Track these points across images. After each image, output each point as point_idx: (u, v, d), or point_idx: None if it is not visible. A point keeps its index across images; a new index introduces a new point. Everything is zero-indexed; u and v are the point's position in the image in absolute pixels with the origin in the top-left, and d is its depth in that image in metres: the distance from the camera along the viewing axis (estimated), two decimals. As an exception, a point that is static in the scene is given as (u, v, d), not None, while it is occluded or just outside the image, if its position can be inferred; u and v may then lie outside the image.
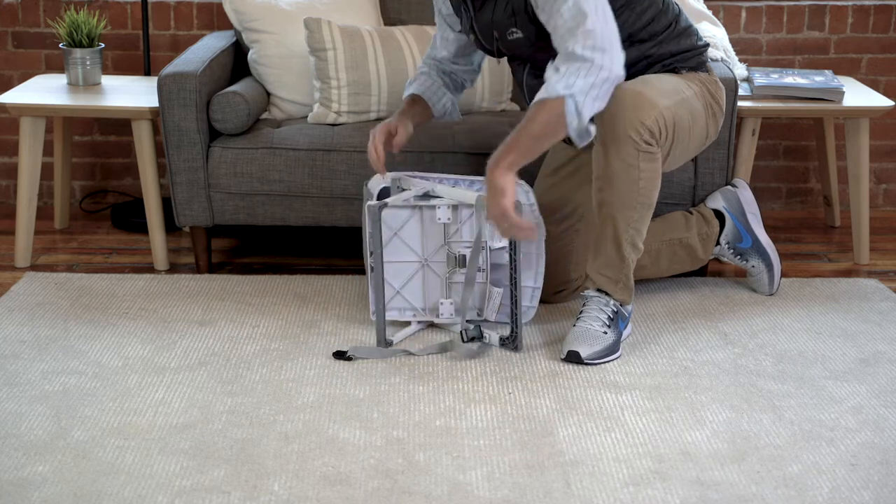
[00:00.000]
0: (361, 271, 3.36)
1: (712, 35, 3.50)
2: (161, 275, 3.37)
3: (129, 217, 3.83)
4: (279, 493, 2.20)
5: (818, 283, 3.34)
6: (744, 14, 3.98)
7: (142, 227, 3.74)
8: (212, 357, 2.80)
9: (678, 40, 2.88)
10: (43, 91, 3.57)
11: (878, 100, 3.52)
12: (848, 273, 3.50)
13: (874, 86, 4.03)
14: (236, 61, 3.60)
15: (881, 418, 2.53)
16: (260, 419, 2.49)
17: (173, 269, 3.47)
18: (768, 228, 3.35)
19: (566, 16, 2.61)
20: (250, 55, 3.54)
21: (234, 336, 2.92)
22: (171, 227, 3.63)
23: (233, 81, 3.51)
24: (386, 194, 2.96)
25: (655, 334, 2.96)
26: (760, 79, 3.54)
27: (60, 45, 3.66)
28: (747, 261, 3.22)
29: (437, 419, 2.50)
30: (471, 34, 2.94)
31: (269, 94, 3.53)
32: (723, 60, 3.42)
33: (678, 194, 3.28)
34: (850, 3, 3.99)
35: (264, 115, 3.51)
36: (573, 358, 2.76)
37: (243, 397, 2.59)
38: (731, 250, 3.21)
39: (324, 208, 3.32)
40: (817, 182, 4.12)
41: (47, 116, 3.53)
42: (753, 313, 3.11)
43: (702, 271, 3.36)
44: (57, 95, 3.52)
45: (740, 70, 3.59)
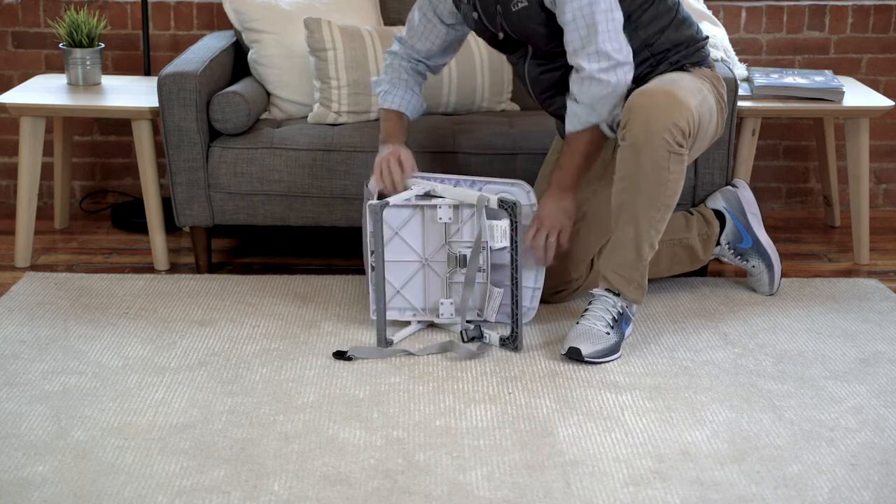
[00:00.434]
0: (361, 271, 3.36)
1: (712, 35, 3.50)
2: (161, 275, 3.37)
3: (129, 217, 3.83)
4: (279, 493, 2.20)
5: (818, 283, 3.34)
6: (744, 14, 3.98)
7: (142, 227, 3.73)
8: (212, 357, 2.80)
9: (678, 29, 2.89)
10: (43, 91, 3.57)
11: (878, 100, 3.52)
12: (848, 273, 3.50)
13: (874, 86, 4.03)
14: (236, 61, 3.60)
15: (881, 418, 2.53)
16: (260, 419, 2.49)
17: (173, 269, 3.47)
18: (768, 228, 3.35)
19: (580, 24, 2.73)
20: (250, 55, 3.55)
21: (234, 336, 2.92)
22: (171, 227, 3.63)
23: (233, 81, 3.51)
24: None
25: (655, 334, 2.96)
26: (760, 79, 3.54)
27: (60, 45, 3.67)
28: (747, 261, 3.22)
29: (437, 419, 2.50)
30: (473, 13, 2.91)
31: (269, 94, 3.53)
32: (723, 60, 3.42)
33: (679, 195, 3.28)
34: (850, 3, 3.99)
35: (264, 115, 3.51)
36: (574, 354, 2.76)
37: (243, 397, 2.59)
38: (732, 250, 3.21)
39: (324, 208, 3.32)
40: (817, 182, 4.12)
41: (47, 116, 3.53)
42: (753, 313, 3.11)
43: (702, 271, 3.36)
44: (57, 95, 3.52)
45: (740, 70, 3.59)
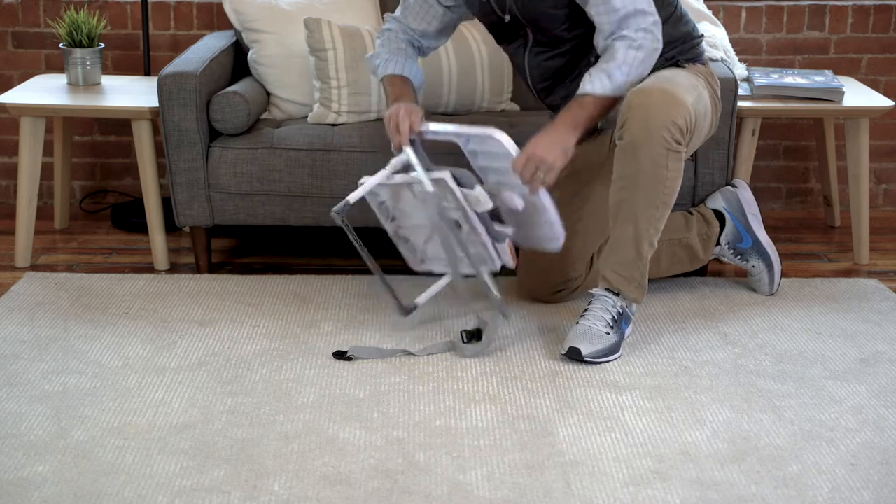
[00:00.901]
0: (361, 271, 3.36)
1: (712, 35, 3.50)
2: (161, 275, 3.37)
3: (129, 217, 3.83)
4: (279, 493, 2.20)
5: (818, 283, 3.34)
6: (744, 14, 3.98)
7: (142, 227, 3.73)
8: (212, 357, 2.80)
9: (675, 25, 2.90)
10: (43, 91, 3.57)
11: (878, 100, 3.52)
12: (848, 273, 3.50)
13: (874, 86, 4.03)
14: (236, 61, 3.60)
15: (881, 418, 2.53)
16: (260, 419, 2.49)
17: (173, 269, 3.47)
18: (768, 228, 3.35)
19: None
20: (250, 55, 3.55)
21: (234, 336, 2.92)
22: (171, 227, 3.63)
23: (233, 81, 3.51)
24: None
25: (655, 334, 2.96)
26: (760, 79, 3.54)
27: (60, 45, 3.67)
28: (747, 261, 3.22)
29: (437, 419, 2.50)
30: None
31: (269, 94, 3.53)
32: (723, 60, 3.42)
33: (678, 194, 3.27)
34: (850, 3, 3.99)
35: (264, 115, 3.51)
36: (574, 354, 2.76)
37: (243, 397, 2.59)
38: (732, 250, 3.21)
39: (324, 208, 3.31)
40: (817, 182, 4.13)
41: (47, 116, 3.53)
42: (753, 313, 3.11)
43: (702, 271, 3.36)
44: (57, 95, 3.52)
45: (740, 70, 3.59)
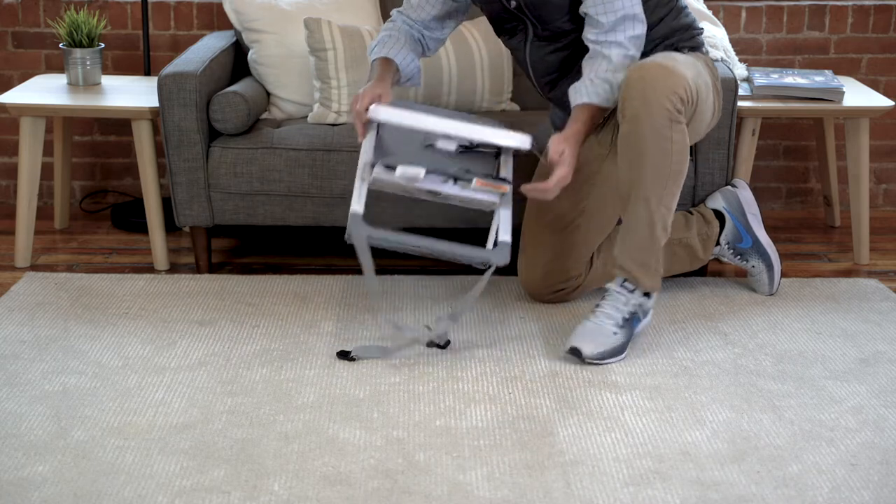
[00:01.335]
0: (361, 271, 3.35)
1: (712, 35, 3.50)
2: (161, 275, 3.37)
3: (129, 217, 3.83)
4: (279, 493, 2.20)
5: (818, 283, 3.34)
6: (744, 14, 3.98)
7: (142, 227, 3.74)
8: (212, 357, 2.80)
9: (677, 17, 2.93)
10: (43, 91, 3.57)
11: (878, 100, 3.52)
12: (848, 273, 3.50)
13: (874, 86, 4.03)
14: (236, 61, 3.60)
15: (881, 418, 2.53)
16: (260, 419, 2.49)
17: (173, 269, 3.47)
18: (768, 228, 3.35)
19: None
20: (250, 55, 3.55)
21: (234, 336, 2.92)
22: (171, 227, 3.63)
23: (233, 81, 3.51)
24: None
25: (655, 334, 2.96)
26: (760, 79, 3.54)
27: (60, 45, 3.67)
28: (747, 261, 3.22)
29: (437, 419, 2.50)
30: None
31: (269, 94, 3.53)
32: (723, 60, 3.42)
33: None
34: (850, 3, 3.99)
35: (264, 115, 3.51)
36: (574, 354, 2.76)
37: (243, 397, 2.59)
38: (732, 250, 3.21)
39: (324, 208, 3.32)
40: (817, 182, 4.13)
41: (47, 116, 3.53)
42: (753, 313, 3.11)
43: (702, 271, 3.36)
44: (57, 95, 3.52)
45: (740, 70, 3.59)
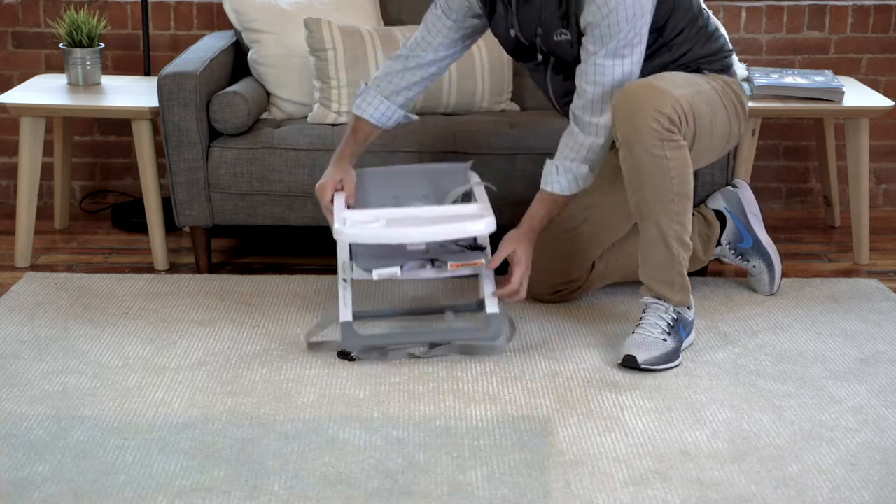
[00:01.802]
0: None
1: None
2: (161, 275, 3.37)
3: (129, 217, 3.83)
4: (279, 493, 2.20)
5: (818, 283, 3.34)
6: (744, 14, 3.98)
7: (142, 227, 3.73)
8: (212, 357, 2.80)
9: (705, 45, 2.87)
10: (43, 91, 3.57)
11: (878, 100, 3.52)
12: (848, 273, 3.50)
13: (874, 86, 4.03)
14: (236, 61, 3.60)
15: (881, 418, 2.53)
16: (260, 419, 2.49)
17: (173, 269, 3.47)
18: (768, 228, 3.35)
19: (610, 77, 2.75)
20: (250, 55, 3.55)
21: (234, 336, 2.92)
22: (171, 227, 3.63)
23: (233, 81, 3.51)
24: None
25: (655, 334, 2.96)
26: (760, 79, 3.54)
27: (60, 45, 3.66)
28: (748, 261, 3.22)
29: (437, 419, 2.50)
30: (510, 30, 2.88)
31: (269, 94, 3.53)
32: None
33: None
34: (850, 3, 3.99)
35: (264, 115, 3.51)
36: (629, 363, 2.72)
37: (243, 397, 2.59)
38: (733, 251, 3.21)
39: (324, 208, 3.32)
40: (817, 182, 4.13)
41: (47, 116, 3.53)
42: (753, 313, 3.11)
43: (702, 271, 3.36)
44: (57, 95, 3.52)
45: (740, 70, 3.58)
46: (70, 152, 3.83)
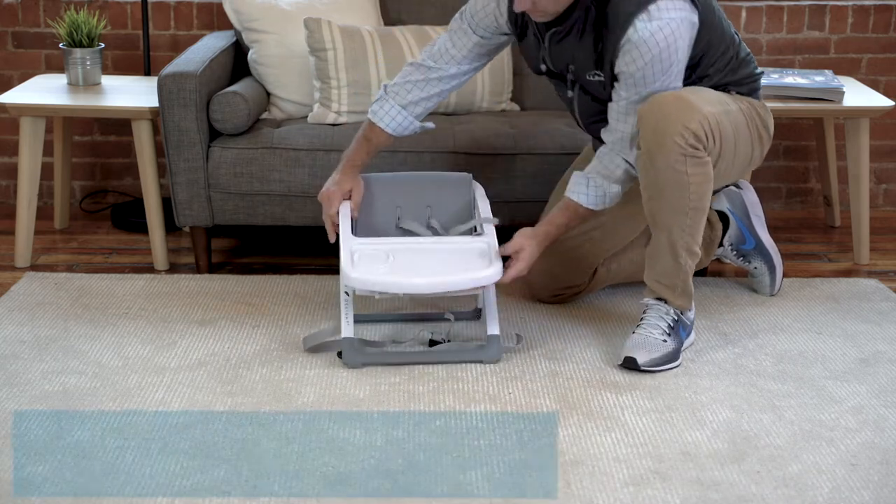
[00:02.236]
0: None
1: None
2: (161, 275, 3.37)
3: (129, 217, 3.83)
4: (279, 493, 2.20)
5: (818, 283, 3.34)
6: (744, 14, 3.98)
7: (142, 227, 3.73)
8: (212, 357, 2.80)
9: (736, 71, 2.84)
10: (43, 91, 3.57)
11: (878, 100, 3.52)
12: (848, 273, 3.50)
13: (874, 86, 4.03)
14: (236, 61, 3.60)
15: (881, 418, 2.53)
16: (260, 419, 2.49)
17: (173, 269, 3.47)
18: (768, 228, 3.35)
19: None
20: (250, 55, 3.54)
21: (234, 336, 2.92)
22: (171, 227, 3.63)
23: (233, 81, 3.51)
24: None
25: (655, 334, 2.96)
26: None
27: (60, 45, 3.66)
28: (750, 262, 3.22)
29: (437, 419, 2.50)
30: (541, 64, 2.85)
31: (269, 94, 3.53)
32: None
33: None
34: (850, 3, 3.99)
35: (264, 115, 3.51)
36: (630, 364, 2.72)
37: (243, 397, 2.59)
38: (735, 252, 3.21)
39: (324, 208, 3.31)
40: (817, 182, 4.12)
41: (47, 116, 3.53)
42: (753, 313, 3.11)
43: (702, 271, 3.36)
44: (57, 95, 3.52)
45: (740, 70, 3.59)
46: (70, 152, 3.83)
